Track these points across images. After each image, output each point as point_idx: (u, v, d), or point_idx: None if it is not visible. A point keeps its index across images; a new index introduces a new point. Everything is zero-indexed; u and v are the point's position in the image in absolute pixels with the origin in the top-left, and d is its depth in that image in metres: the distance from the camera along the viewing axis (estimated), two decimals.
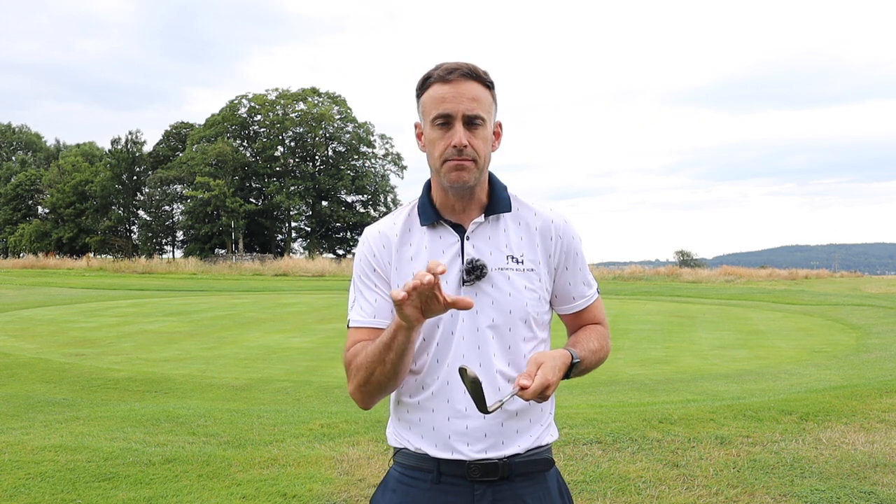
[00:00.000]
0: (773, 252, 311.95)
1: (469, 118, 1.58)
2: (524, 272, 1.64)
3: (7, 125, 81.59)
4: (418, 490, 1.63)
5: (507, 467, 1.60)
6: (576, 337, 1.74)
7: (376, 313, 1.66)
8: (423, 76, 1.63)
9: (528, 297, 1.63)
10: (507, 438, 1.61)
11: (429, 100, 1.61)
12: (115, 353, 10.91)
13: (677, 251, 65.92)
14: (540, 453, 1.66)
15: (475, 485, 1.60)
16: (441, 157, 1.59)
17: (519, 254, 1.64)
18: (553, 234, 1.68)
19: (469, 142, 1.57)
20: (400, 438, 1.69)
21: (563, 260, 1.69)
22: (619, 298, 25.66)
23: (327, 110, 58.48)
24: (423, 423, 1.63)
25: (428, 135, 1.62)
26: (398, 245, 1.66)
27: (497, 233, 1.65)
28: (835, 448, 4.62)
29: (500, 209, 1.66)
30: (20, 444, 4.84)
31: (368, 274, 1.68)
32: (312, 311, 18.73)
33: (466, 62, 1.60)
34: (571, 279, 1.71)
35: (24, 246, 63.70)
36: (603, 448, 4.64)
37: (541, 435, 1.66)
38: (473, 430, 1.59)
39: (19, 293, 23.70)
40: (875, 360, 10.35)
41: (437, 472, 1.61)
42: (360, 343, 1.63)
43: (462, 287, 1.61)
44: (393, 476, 1.70)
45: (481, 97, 1.59)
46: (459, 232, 1.65)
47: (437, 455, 1.61)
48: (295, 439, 5.03)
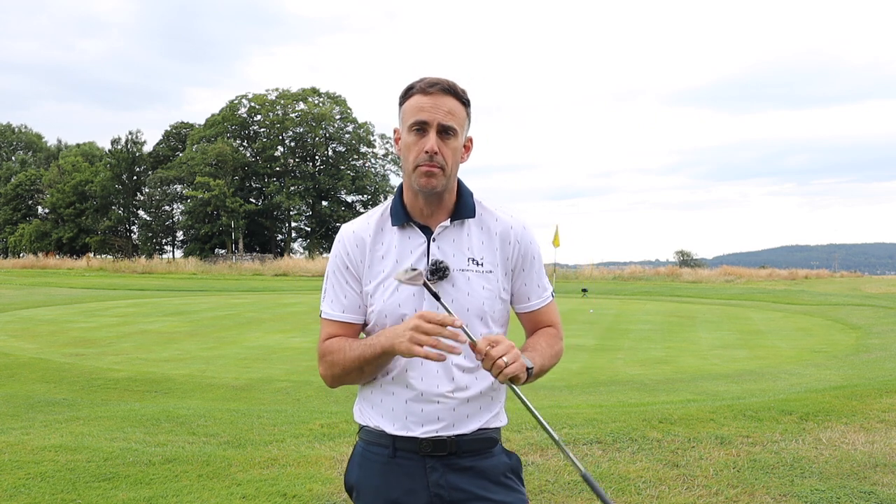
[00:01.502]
0: (773, 252, 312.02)
1: (443, 128, 1.74)
2: (483, 273, 1.80)
3: (7, 125, 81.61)
4: (377, 463, 1.82)
5: (454, 444, 1.78)
6: (527, 343, 1.90)
7: (345, 308, 1.85)
8: (406, 86, 1.80)
9: (484, 296, 1.79)
10: (458, 422, 1.79)
11: (408, 108, 1.77)
12: (115, 353, 10.92)
13: (677, 251, 66.00)
14: (486, 433, 1.83)
15: (426, 459, 1.78)
16: (414, 162, 1.76)
17: (479, 256, 1.81)
18: (512, 238, 1.84)
19: (440, 149, 1.74)
20: (364, 416, 1.87)
21: (520, 263, 1.86)
22: (619, 298, 25.66)
23: (327, 110, 58.49)
24: (384, 403, 1.81)
25: (404, 139, 1.78)
26: (371, 244, 1.83)
27: (461, 236, 1.82)
28: (835, 448, 4.62)
29: (465, 215, 1.82)
30: (20, 444, 4.84)
31: (342, 270, 1.85)
32: (312, 311, 18.72)
33: (448, 79, 1.77)
34: (527, 280, 1.88)
35: (24, 246, 63.72)
36: (603, 448, 4.64)
37: (489, 420, 1.84)
38: (428, 414, 1.78)
39: (19, 293, 23.70)
40: (875, 360, 10.35)
41: (393, 447, 1.80)
42: (336, 339, 1.83)
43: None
44: (358, 451, 1.90)
45: (456, 111, 1.76)
46: (427, 234, 1.81)
47: (393, 432, 1.79)
48: (295, 439, 5.03)
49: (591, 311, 19.41)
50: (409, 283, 1.70)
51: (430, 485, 1.78)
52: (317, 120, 58.21)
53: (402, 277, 1.70)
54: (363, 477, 1.85)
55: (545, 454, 4.52)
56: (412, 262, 1.79)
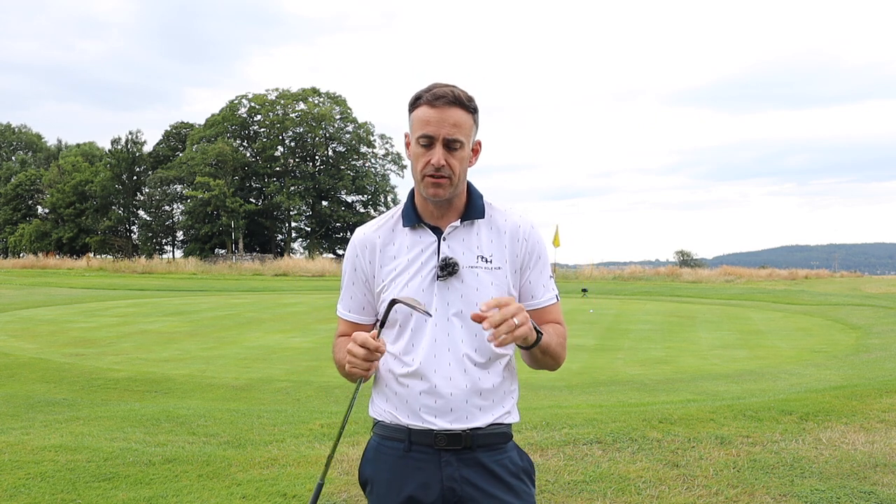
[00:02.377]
0: (773, 252, 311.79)
1: (448, 141, 1.79)
2: (491, 270, 1.86)
3: (7, 125, 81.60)
4: (392, 457, 1.87)
5: (469, 438, 1.82)
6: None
7: (351, 309, 1.97)
8: (415, 94, 1.84)
9: (492, 291, 1.84)
10: (470, 414, 1.83)
11: (416, 119, 1.82)
12: (115, 353, 10.92)
13: (677, 251, 66.03)
14: (500, 428, 1.87)
15: (441, 452, 1.82)
16: (421, 172, 1.82)
17: (488, 254, 1.87)
18: (520, 236, 1.90)
19: (447, 161, 1.79)
20: (379, 410, 1.92)
21: (527, 260, 1.91)
22: (619, 298, 25.66)
23: (327, 110, 58.46)
24: (399, 396, 1.86)
25: (413, 149, 1.84)
26: (382, 245, 1.90)
27: (470, 236, 1.88)
28: (835, 448, 4.62)
29: (475, 215, 1.89)
30: (20, 444, 4.84)
31: (351, 273, 1.96)
32: (312, 311, 18.73)
33: (454, 89, 1.81)
34: (532, 278, 1.92)
35: (24, 246, 63.69)
36: (603, 448, 4.64)
37: (501, 416, 1.88)
38: (441, 406, 1.82)
39: (19, 293, 23.70)
40: (875, 360, 10.35)
41: (409, 440, 1.84)
42: (342, 339, 1.94)
43: (436, 281, 1.84)
44: (372, 446, 1.94)
45: (462, 122, 1.81)
46: (437, 234, 1.88)
47: (407, 424, 1.84)
48: (295, 439, 5.03)
49: (591, 311, 19.41)
50: (410, 306, 1.76)
51: (444, 479, 1.81)
52: (317, 120, 58.18)
53: (409, 301, 1.77)
54: (377, 471, 1.89)
55: (545, 454, 4.52)
56: (423, 261, 1.85)
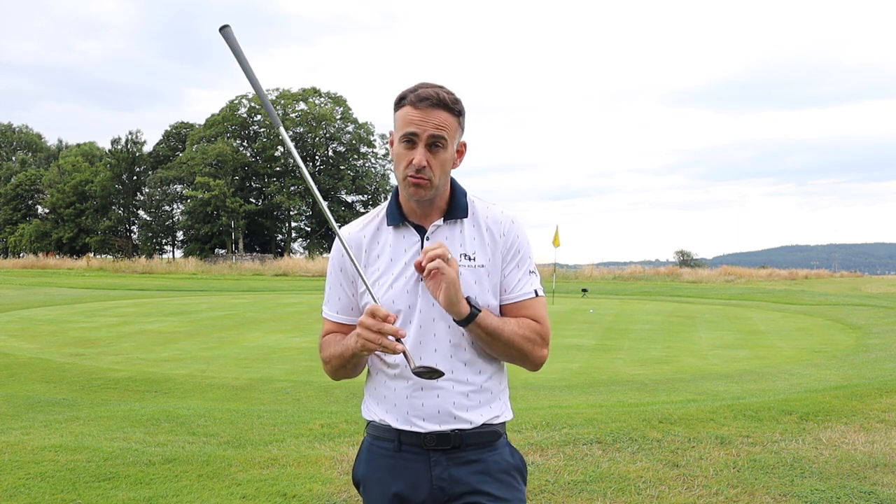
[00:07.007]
0: (773, 252, 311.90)
1: (431, 139, 1.78)
2: (474, 268, 1.85)
3: (7, 125, 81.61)
4: (383, 457, 1.88)
5: (458, 438, 1.82)
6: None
7: (338, 310, 1.96)
8: (400, 94, 1.83)
9: (475, 290, 1.83)
10: (458, 414, 1.83)
11: (400, 119, 1.82)
12: (115, 353, 10.92)
13: (677, 251, 66.12)
14: (489, 427, 1.86)
15: (431, 452, 1.83)
16: (403, 172, 1.81)
17: (471, 252, 1.86)
18: (501, 231, 1.89)
19: (428, 162, 1.78)
20: (370, 412, 1.93)
21: (506, 253, 1.89)
22: (619, 298, 25.67)
23: (328, 111, 58.47)
24: (388, 399, 1.87)
25: (396, 148, 1.84)
26: (367, 244, 1.90)
27: (454, 234, 1.88)
28: (835, 448, 4.62)
29: (458, 214, 1.88)
30: (20, 444, 4.83)
31: (336, 272, 1.95)
32: (312, 311, 18.72)
33: (439, 91, 1.79)
34: (509, 271, 1.89)
35: (24, 246, 63.70)
36: (603, 448, 4.64)
37: (490, 415, 1.87)
38: (428, 408, 1.82)
39: (19, 293, 23.70)
40: (875, 360, 10.35)
41: (398, 441, 1.85)
42: (330, 336, 1.95)
43: (420, 281, 1.82)
44: (365, 446, 1.96)
45: (446, 124, 1.80)
46: (421, 232, 1.88)
47: (397, 427, 1.85)
48: (295, 439, 5.03)
49: (591, 311, 19.41)
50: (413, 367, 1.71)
51: (434, 479, 1.82)
52: (317, 120, 58.20)
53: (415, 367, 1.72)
54: (370, 471, 1.91)
55: (545, 454, 4.52)
56: (406, 260, 1.85)
